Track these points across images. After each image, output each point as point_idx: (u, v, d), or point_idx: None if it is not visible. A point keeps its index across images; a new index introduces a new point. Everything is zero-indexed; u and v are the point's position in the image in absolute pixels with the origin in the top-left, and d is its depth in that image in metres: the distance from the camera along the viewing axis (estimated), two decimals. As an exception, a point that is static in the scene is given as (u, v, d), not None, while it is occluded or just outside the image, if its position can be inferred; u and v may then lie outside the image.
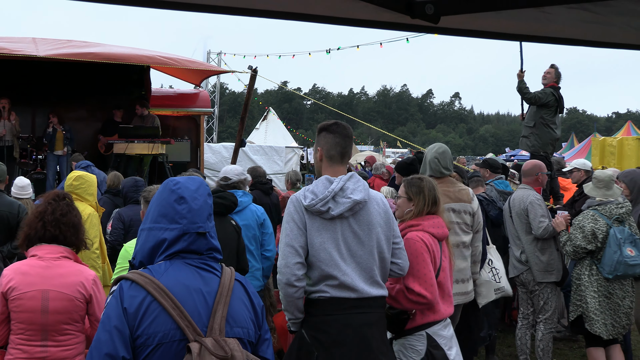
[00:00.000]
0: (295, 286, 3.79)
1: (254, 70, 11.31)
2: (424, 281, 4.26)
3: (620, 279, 6.49)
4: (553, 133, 9.75)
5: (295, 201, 3.90)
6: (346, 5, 2.55)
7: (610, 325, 6.53)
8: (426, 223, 4.52)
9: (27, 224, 4.12)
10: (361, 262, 3.87)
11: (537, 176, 7.37)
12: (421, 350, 4.35)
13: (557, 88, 9.64)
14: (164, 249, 2.52)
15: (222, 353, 2.34)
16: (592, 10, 2.65)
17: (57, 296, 3.84)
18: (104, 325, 2.37)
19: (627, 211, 6.58)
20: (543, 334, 7.17)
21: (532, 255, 7.12)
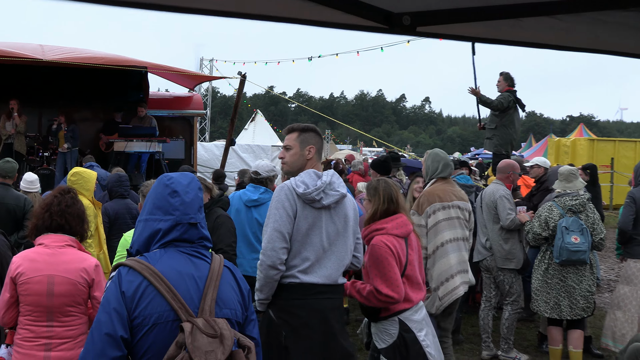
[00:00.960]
0: (278, 269, 3.77)
1: (243, 76, 11.33)
2: (391, 283, 4.28)
3: (574, 264, 6.56)
4: (513, 133, 9.82)
5: (287, 190, 3.85)
6: (330, 13, 2.53)
7: (567, 308, 6.60)
8: (389, 225, 4.49)
9: (34, 215, 4.12)
10: (337, 251, 3.90)
11: (509, 174, 7.46)
12: (394, 333, 4.39)
13: (514, 91, 9.72)
14: (159, 238, 2.53)
15: (212, 332, 2.35)
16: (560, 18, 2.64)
17: (62, 281, 3.83)
18: (103, 307, 2.38)
19: (580, 203, 6.64)
20: (509, 314, 7.26)
21: (496, 243, 7.20)
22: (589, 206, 6.71)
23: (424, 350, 4.42)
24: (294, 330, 3.78)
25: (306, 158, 4.01)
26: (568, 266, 6.60)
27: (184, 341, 2.30)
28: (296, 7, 2.59)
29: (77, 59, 11.56)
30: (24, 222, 6.67)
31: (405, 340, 4.38)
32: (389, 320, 4.42)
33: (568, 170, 7.00)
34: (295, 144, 4.03)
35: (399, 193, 4.66)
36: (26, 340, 3.83)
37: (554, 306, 6.69)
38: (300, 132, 4.06)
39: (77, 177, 6.45)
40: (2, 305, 3.86)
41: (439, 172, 5.95)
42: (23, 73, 12.82)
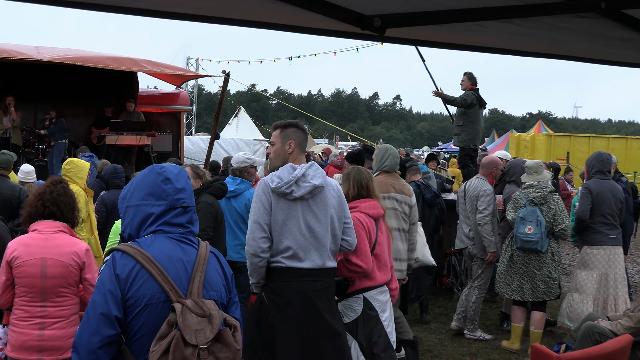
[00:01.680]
0: (260, 257, 3.84)
1: (227, 75, 11.22)
2: (360, 254, 4.30)
3: (535, 252, 6.65)
4: (479, 128, 9.90)
5: (263, 184, 3.92)
6: (307, 16, 2.53)
7: (530, 291, 6.72)
8: (362, 205, 4.58)
9: (28, 204, 4.11)
10: (318, 237, 3.91)
11: (492, 170, 7.52)
12: (358, 310, 4.41)
13: (476, 90, 9.80)
14: (151, 222, 2.54)
15: (201, 311, 2.36)
16: (519, 24, 2.67)
17: (55, 263, 3.83)
18: (98, 289, 2.38)
19: (542, 195, 6.73)
20: (477, 297, 7.35)
21: (477, 234, 7.25)
22: (552, 198, 6.76)
23: (385, 330, 4.45)
24: (280, 309, 3.85)
25: (287, 153, 4.05)
26: (530, 253, 6.69)
27: (175, 320, 2.31)
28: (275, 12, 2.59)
29: (70, 60, 11.51)
30: (19, 211, 6.67)
31: (369, 317, 4.40)
32: (354, 297, 4.44)
33: (536, 164, 7.07)
34: (277, 140, 4.09)
35: (369, 179, 4.71)
36: (21, 319, 3.82)
37: (516, 289, 6.80)
38: (282, 128, 4.11)
39: (72, 166, 6.58)
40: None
41: (384, 166, 5.95)
42: (18, 71, 12.71)
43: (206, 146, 14.41)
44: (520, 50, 3.27)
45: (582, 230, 7.08)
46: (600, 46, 3.25)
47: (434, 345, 7.20)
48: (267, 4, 2.45)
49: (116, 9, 2.47)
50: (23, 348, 3.80)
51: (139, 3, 2.45)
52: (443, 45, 3.08)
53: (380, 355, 4.37)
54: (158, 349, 2.27)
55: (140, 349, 2.38)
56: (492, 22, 2.64)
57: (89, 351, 2.29)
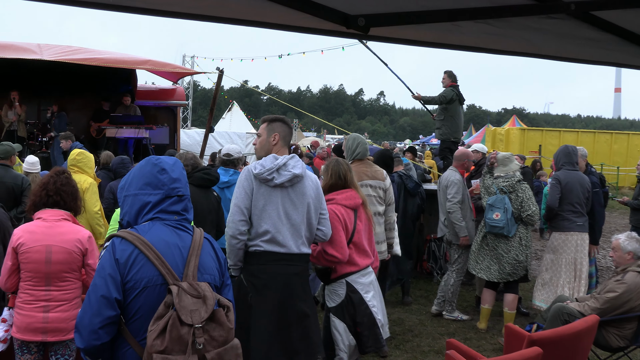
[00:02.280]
0: (238, 238, 3.86)
1: (221, 71, 11.20)
2: (336, 244, 4.33)
3: (502, 236, 6.73)
4: (459, 123, 9.94)
5: (246, 171, 3.94)
6: (296, 16, 2.52)
7: (496, 271, 6.81)
8: (339, 197, 4.57)
9: (33, 193, 4.08)
10: (294, 224, 3.93)
11: (464, 162, 7.58)
12: (342, 294, 4.45)
13: (456, 86, 9.83)
14: (149, 210, 2.54)
15: (196, 293, 2.38)
16: (493, 24, 2.68)
17: (59, 250, 3.81)
18: (99, 273, 2.39)
19: (510, 184, 6.82)
20: (455, 280, 7.42)
21: (450, 222, 7.31)
22: (520, 187, 6.84)
23: (370, 310, 4.46)
24: (257, 291, 3.87)
25: (271, 144, 4.07)
26: (500, 237, 6.77)
27: (172, 301, 2.33)
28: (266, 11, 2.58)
29: (73, 60, 11.43)
30: (22, 199, 6.68)
31: (352, 300, 4.43)
32: (337, 282, 4.48)
33: (503, 156, 7.15)
34: (264, 132, 4.12)
35: (347, 170, 4.70)
36: (27, 303, 3.80)
37: (484, 268, 6.92)
38: (268, 122, 4.14)
39: (82, 157, 6.62)
40: (5, 272, 3.84)
41: (355, 154, 5.95)
42: (22, 68, 12.54)
43: (201, 139, 14.38)
44: (494, 48, 3.28)
45: (552, 217, 7.14)
46: (570, 45, 3.26)
47: (415, 325, 7.24)
48: (258, 3, 2.44)
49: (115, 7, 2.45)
50: (28, 330, 3.78)
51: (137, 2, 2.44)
52: (423, 44, 3.08)
53: (364, 334, 4.42)
54: (156, 328, 2.29)
55: (139, 329, 2.39)
56: (468, 22, 2.65)
57: (90, 331, 2.30)
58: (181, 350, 2.29)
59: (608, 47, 3.21)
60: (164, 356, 2.27)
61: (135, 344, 2.39)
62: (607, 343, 5.47)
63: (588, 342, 3.96)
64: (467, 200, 7.34)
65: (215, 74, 11.35)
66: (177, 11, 2.54)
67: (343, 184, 4.65)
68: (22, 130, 12.72)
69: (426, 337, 6.80)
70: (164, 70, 14.17)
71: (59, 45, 12.82)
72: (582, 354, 3.95)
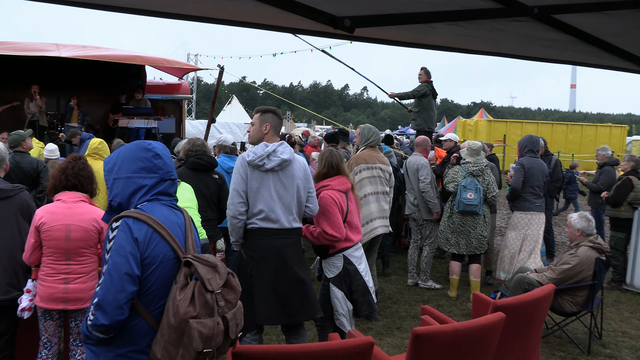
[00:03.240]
0: (238, 218, 3.91)
1: (222, 68, 11.13)
2: (335, 225, 4.40)
3: (471, 214, 6.76)
4: (432, 115, 9.94)
5: (241, 159, 3.96)
6: (287, 17, 2.49)
7: (465, 246, 6.87)
8: (333, 183, 4.63)
9: (52, 177, 4.03)
10: (285, 203, 3.96)
11: (426, 146, 7.62)
12: (339, 266, 4.52)
13: (430, 82, 9.83)
14: (145, 192, 2.48)
15: (209, 263, 2.38)
16: (464, 26, 2.67)
17: (77, 228, 3.78)
18: (118, 252, 2.29)
19: (479, 169, 6.88)
20: (428, 253, 7.49)
21: (421, 201, 7.34)
22: (487, 171, 6.91)
23: (363, 279, 4.55)
24: (256, 262, 3.91)
25: (263, 133, 4.08)
26: (467, 215, 6.81)
27: (190, 272, 2.33)
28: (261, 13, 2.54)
29: (91, 56, 11.34)
30: (40, 180, 6.77)
31: (349, 271, 4.51)
32: (335, 256, 4.55)
33: (475, 145, 7.18)
34: (257, 122, 4.12)
35: (339, 160, 4.75)
36: (49, 275, 3.78)
37: (454, 244, 6.96)
38: (261, 113, 4.14)
39: (102, 145, 6.81)
40: (29, 249, 3.80)
41: (369, 141, 6.06)
42: (42, 64, 12.42)
43: (204, 129, 14.36)
44: (465, 48, 3.25)
45: (515, 198, 7.18)
46: (532, 46, 3.25)
47: (394, 293, 7.28)
48: (253, 6, 2.41)
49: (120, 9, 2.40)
50: (50, 299, 3.77)
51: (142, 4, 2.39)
52: (402, 44, 3.06)
53: (360, 300, 4.52)
54: (185, 297, 2.27)
55: (151, 301, 2.35)
56: (442, 24, 2.63)
57: (116, 307, 2.23)
58: (208, 314, 2.29)
59: (567, 47, 3.20)
60: (199, 320, 2.26)
61: (148, 315, 2.35)
62: (562, 309, 5.53)
63: (545, 308, 3.99)
64: (434, 180, 7.41)
65: (217, 71, 11.27)
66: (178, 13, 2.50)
67: (335, 172, 4.72)
68: (43, 120, 12.62)
69: (404, 304, 6.84)
70: (170, 67, 14.10)
71: (75, 45, 12.72)
72: (540, 318, 3.98)
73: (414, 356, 3.04)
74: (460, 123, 29.56)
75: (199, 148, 5.61)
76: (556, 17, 2.70)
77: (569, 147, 26.05)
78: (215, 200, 5.55)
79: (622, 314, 6.89)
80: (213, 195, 5.53)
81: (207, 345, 2.28)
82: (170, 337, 2.29)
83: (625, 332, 6.24)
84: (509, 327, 3.42)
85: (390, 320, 6.23)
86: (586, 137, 27.41)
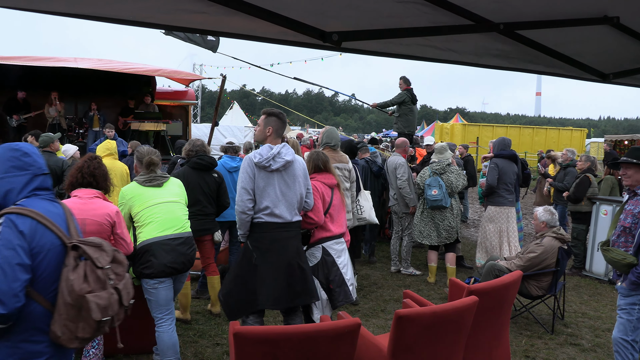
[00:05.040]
0: (246, 213, 3.88)
1: (224, 77, 11.08)
2: (315, 210, 4.37)
3: (439, 208, 6.82)
4: (412, 119, 9.96)
5: (248, 159, 3.92)
6: (283, 31, 2.50)
7: (435, 237, 6.92)
8: (319, 177, 4.63)
9: (70, 175, 3.98)
10: (288, 200, 3.94)
11: (405, 148, 7.64)
12: (318, 256, 4.46)
13: (410, 89, 9.84)
14: (21, 189, 2.39)
15: (94, 243, 2.44)
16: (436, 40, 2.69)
17: (92, 222, 3.74)
18: (5, 246, 2.21)
19: (441, 167, 7.01)
20: (407, 243, 7.50)
21: (400, 196, 7.36)
22: (449, 169, 7.02)
23: (340, 271, 4.48)
24: (261, 253, 3.89)
25: (266, 135, 4.04)
26: (435, 209, 6.87)
27: (79, 254, 2.36)
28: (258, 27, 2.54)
29: (103, 68, 11.29)
30: (63, 178, 6.77)
31: (327, 262, 4.44)
32: (315, 247, 4.49)
33: (440, 146, 7.28)
34: (262, 124, 4.08)
35: (325, 160, 4.71)
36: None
37: (426, 235, 6.99)
38: (266, 116, 4.09)
39: (111, 145, 6.92)
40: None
41: (328, 143, 5.95)
42: (61, 74, 12.32)
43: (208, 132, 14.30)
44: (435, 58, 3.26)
45: (489, 194, 7.21)
46: (499, 57, 3.27)
47: (378, 279, 7.30)
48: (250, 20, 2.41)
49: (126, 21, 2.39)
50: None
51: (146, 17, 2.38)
52: (384, 54, 3.07)
53: (336, 290, 4.43)
54: (78, 276, 2.31)
55: (44, 287, 2.31)
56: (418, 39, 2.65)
57: (12, 296, 2.16)
58: (101, 287, 2.37)
59: (530, 58, 3.22)
60: (94, 294, 2.32)
61: (42, 299, 2.30)
62: (529, 292, 5.56)
63: (514, 292, 4.01)
64: (411, 178, 7.43)
65: (220, 79, 11.24)
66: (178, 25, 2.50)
67: (322, 170, 4.69)
68: (63, 123, 12.61)
69: (387, 289, 6.86)
70: (178, 77, 14.07)
71: (92, 59, 12.68)
72: (509, 301, 4.00)
73: (397, 335, 3.06)
74: (438, 126, 29.63)
75: (199, 148, 5.60)
76: (519, 32, 2.72)
77: (535, 148, 26.18)
78: (214, 197, 5.56)
79: (582, 297, 6.95)
80: (213, 192, 5.54)
81: (105, 314, 2.35)
82: (68, 315, 2.30)
83: (585, 313, 6.29)
84: (481, 309, 3.44)
85: (375, 304, 6.24)
86: (550, 139, 27.60)
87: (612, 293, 7.14)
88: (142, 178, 4.29)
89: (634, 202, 4.00)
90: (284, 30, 2.47)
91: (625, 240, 3.96)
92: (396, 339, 3.07)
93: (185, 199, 4.42)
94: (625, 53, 3.15)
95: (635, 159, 3.98)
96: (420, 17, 2.39)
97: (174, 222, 4.15)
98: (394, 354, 3.10)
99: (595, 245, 7.84)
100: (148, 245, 4.03)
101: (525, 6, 2.39)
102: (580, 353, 5.08)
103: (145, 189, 4.21)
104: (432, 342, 3.17)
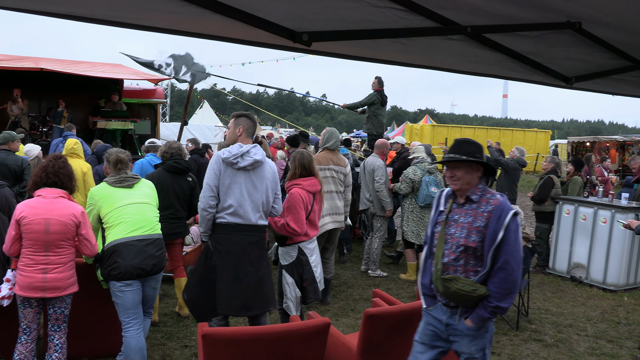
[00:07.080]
0: (208, 211, 3.84)
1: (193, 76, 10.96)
2: (297, 221, 4.40)
3: (427, 207, 6.90)
4: (381, 120, 10.04)
5: (216, 156, 3.88)
6: (253, 32, 2.48)
7: (423, 235, 6.96)
8: (304, 183, 4.63)
9: (34, 174, 3.88)
10: (254, 201, 3.89)
11: (384, 150, 7.69)
12: (293, 255, 4.52)
13: (381, 90, 9.92)
14: None
15: None
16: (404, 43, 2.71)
17: (56, 222, 3.65)
18: None
19: (434, 167, 7.10)
20: (377, 244, 7.52)
21: (375, 198, 7.38)
22: (437, 170, 7.18)
23: (312, 269, 4.57)
24: (221, 254, 3.85)
25: (237, 135, 4.02)
26: (425, 208, 6.94)
27: None
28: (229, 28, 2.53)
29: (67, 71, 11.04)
30: (23, 177, 6.65)
31: (301, 261, 4.52)
32: (292, 247, 4.55)
33: (420, 145, 7.43)
34: (231, 126, 4.07)
35: (310, 160, 4.74)
36: (28, 266, 3.64)
37: (417, 235, 7.03)
38: (235, 117, 4.08)
39: (78, 146, 6.74)
40: (9, 241, 3.66)
41: (327, 145, 6.02)
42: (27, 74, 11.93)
43: (177, 131, 14.12)
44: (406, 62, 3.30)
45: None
46: (466, 62, 3.32)
47: (349, 279, 7.33)
48: (222, 21, 2.39)
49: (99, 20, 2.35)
50: (29, 288, 3.64)
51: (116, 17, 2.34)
52: (353, 58, 3.09)
53: (308, 288, 4.51)
54: None
55: None
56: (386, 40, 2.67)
57: None
58: None
59: (496, 63, 3.29)
60: None
61: None
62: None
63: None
64: (387, 181, 7.47)
65: (189, 78, 11.10)
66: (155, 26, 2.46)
67: (308, 172, 4.70)
68: (25, 122, 12.15)
69: (357, 288, 6.89)
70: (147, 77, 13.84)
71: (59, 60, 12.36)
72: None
73: (366, 334, 3.08)
74: (407, 127, 29.94)
75: (174, 151, 5.53)
76: (486, 35, 2.78)
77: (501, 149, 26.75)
78: (187, 201, 5.50)
79: (546, 294, 7.13)
80: (186, 196, 5.48)
81: None
82: None
83: (548, 309, 6.46)
84: (447, 307, 3.48)
85: (345, 303, 6.27)
86: (516, 140, 28.23)
87: (574, 290, 7.35)
88: (112, 179, 4.21)
89: (472, 213, 2.93)
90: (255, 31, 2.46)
91: (465, 264, 2.92)
92: (365, 338, 3.09)
93: (156, 201, 4.35)
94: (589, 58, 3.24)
95: (465, 155, 2.94)
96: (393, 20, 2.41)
97: (143, 222, 4.07)
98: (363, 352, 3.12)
99: (558, 244, 8.06)
100: (115, 245, 3.95)
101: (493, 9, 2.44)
102: (543, 348, 5.22)
103: (115, 190, 4.13)
104: (401, 341, 3.20)
